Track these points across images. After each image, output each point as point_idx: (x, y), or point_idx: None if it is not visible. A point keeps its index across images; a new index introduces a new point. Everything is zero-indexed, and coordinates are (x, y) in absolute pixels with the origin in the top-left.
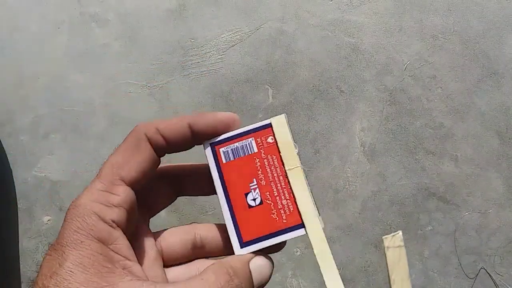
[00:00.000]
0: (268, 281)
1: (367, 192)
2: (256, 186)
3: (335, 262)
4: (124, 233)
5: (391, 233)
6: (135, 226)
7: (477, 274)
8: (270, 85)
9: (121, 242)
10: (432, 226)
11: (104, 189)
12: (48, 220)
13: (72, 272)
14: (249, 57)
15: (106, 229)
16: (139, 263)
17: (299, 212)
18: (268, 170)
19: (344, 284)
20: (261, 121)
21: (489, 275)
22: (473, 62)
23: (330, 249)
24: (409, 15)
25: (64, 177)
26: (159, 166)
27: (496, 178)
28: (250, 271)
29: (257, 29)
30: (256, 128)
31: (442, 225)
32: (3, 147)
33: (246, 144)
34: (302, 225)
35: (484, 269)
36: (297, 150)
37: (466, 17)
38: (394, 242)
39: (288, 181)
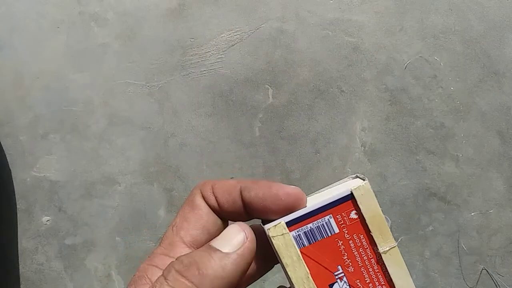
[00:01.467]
0: (246, 256)
1: None
2: (343, 274)
3: None
4: None
5: (392, 233)
6: None
7: (479, 275)
8: (270, 85)
9: None
10: (433, 226)
11: (162, 253)
12: (47, 221)
13: None
14: (249, 57)
15: None
16: None
17: None
18: (356, 253)
19: None
20: (338, 194)
21: (490, 275)
22: (474, 62)
23: None
24: (410, 14)
25: (63, 177)
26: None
27: (497, 178)
28: (209, 246)
29: (257, 29)
30: (334, 202)
31: (443, 225)
32: (2, 147)
33: (323, 224)
34: None
35: (485, 269)
36: (389, 224)
37: (467, 17)
38: (277, 231)
39: (383, 264)
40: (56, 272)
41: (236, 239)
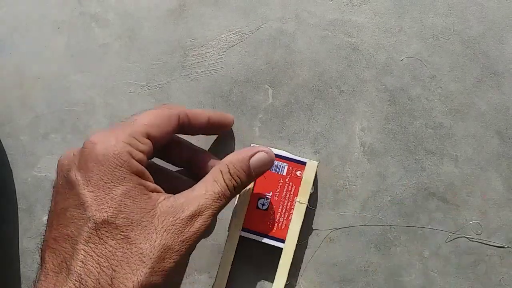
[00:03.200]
0: (267, 167)
1: (367, 192)
2: (270, 197)
3: (335, 262)
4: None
5: (391, 232)
6: None
7: (477, 274)
8: (270, 85)
9: (147, 174)
10: (432, 226)
11: (134, 136)
12: None
13: (126, 204)
14: (249, 57)
15: (138, 165)
16: None
17: (287, 232)
18: (285, 192)
19: (344, 284)
20: (299, 158)
21: (489, 275)
22: (473, 62)
23: (292, 256)
24: (409, 15)
25: None
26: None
27: (496, 178)
28: (249, 167)
29: (257, 29)
30: (294, 160)
31: (442, 225)
32: (3, 147)
33: (280, 166)
34: (283, 241)
35: (485, 269)
36: (311, 191)
37: (466, 17)
38: None
39: (293, 208)
40: None
41: (265, 168)
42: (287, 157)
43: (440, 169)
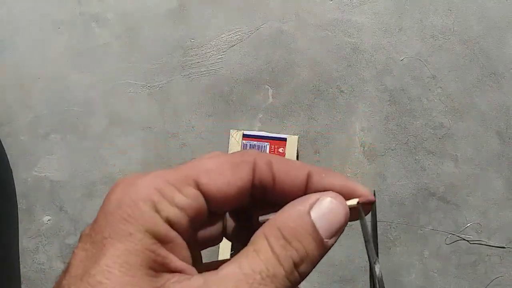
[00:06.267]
0: (344, 224)
1: None
2: None
3: (335, 262)
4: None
5: (391, 232)
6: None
7: (477, 274)
8: (270, 85)
9: (179, 244)
10: (432, 226)
11: (173, 183)
12: (48, 220)
13: (111, 273)
14: (249, 57)
15: (160, 224)
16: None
17: None
18: None
19: (344, 284)
20: (279, 135)
21: (489, 275)
22: (473, 62)
23: None
24: (409, 15)
25: (64, 177)
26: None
27: (496, 178)
28: (313, 224)
29: (257, 29)
30: (274, 137)
31: (442, 225)
32: (3, 147)
33: (262, 146)
34: None
35: (484, 269)
36: None
37: (466, 17)
38: (236, 136)
39: None
40: (57, 272)
41: (339, 224)
42: (267, 136)
43: (440, 169)
